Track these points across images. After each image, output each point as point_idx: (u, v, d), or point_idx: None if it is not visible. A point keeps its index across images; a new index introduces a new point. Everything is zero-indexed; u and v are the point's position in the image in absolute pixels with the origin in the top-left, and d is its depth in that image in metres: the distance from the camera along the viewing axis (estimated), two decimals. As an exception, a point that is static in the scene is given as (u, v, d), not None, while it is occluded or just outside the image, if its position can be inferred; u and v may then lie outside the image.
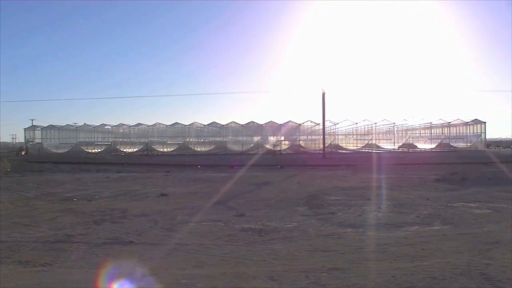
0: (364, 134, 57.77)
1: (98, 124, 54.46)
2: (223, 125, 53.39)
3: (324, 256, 6.10)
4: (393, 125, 54.49)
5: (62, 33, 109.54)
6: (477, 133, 51.29)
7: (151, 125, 53.85)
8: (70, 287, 4.88)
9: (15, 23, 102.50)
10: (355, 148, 55.17)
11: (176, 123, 53.81)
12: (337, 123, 54.19)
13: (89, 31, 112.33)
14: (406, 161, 29.10)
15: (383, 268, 5.39)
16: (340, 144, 55.56)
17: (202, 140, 55.60)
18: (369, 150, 49.85)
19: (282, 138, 57.60)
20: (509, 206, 10.57)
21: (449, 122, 53.01)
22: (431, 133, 56.57)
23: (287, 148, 52.50)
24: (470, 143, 51.92)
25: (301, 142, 54.34)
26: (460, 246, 6.51)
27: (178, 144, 54.93)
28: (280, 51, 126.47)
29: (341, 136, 59.82)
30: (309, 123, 53.21)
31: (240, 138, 56.87)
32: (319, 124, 46.19)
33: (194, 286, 4.82)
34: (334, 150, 49.23)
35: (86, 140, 54.89)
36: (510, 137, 74.05)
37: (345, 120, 54.13)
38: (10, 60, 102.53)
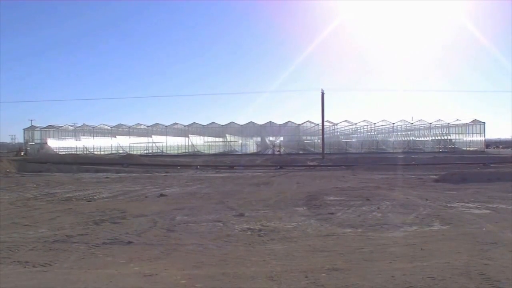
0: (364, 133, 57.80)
1: (97, 124, 54.39)
2: (222, 125, 53.33)
3: (323, 257, 6.10)
4: (392, 125, 54.49)
5: (62, 32, 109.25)
6: (476, 133, 51.32)
7: (150, 125, 53.79)
8: (70, 287, 4.88)
9: (15, 23, 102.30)
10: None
11: (176, 123, 53.76)
12: (337, 124, 54.18)
13: (90, 30, 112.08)
14: (405, 161, 29.10)
15: (382, 268, 5.39)
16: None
17: (203, 141, 55.46)
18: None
19: (282, 138, 57.60)
20: (508, 206, 10.59)
21: (449, 123, 53.00)
22: (430, 134, 56.56)
23: (286, 149, 52.53)
24: (470, 143, 51.96)
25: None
26: (459, 247, 6.51)
27: (178, 145, 54.92)
28: (280, 51, 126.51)
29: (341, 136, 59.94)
30: (308, 124, 53.20)
31: (240, 139, 56.85)
32: (318, 124, 46.09)
33: (193, 286, 4.82)
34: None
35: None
36: (510, 137, 74.17)
37: (344, 121, 54.14)
38: (9, 60, 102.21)
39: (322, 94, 36.64)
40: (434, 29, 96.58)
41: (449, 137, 54.65)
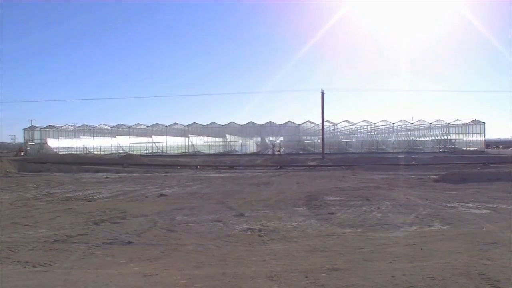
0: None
1: (97, 124, 54.40)
2: (222, 125, 53.35)
3: (323, 257, 6.10)
4: (392, 125, 54.52)
5: (62, 32, 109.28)
6: (476, 133, 51.34)
7: (150, 125, 53.81)
8: (70, 287, 4.88)
9: (15, 23, 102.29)
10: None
11: (176, 123, 53.77)
12: (337, 124, 54.22)
13: (89, 30, 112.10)
14: (405, 161, 29.10)
15: (382, 268, 5.39)
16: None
17: (203, 141, 55.52)
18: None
19: (282, 138, 57.61)
20: (508, 206, 10.60)
21: (449, 123, 53.02)
22: (430, 134, 56.59)
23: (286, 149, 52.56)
24: (470, 143, 51.97)
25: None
26: (459, 247, 6.51)
27: (178, 145, 54.95)
28: (280, 52, 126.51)
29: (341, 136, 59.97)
30: (308, 124, 53.23)
31: (240, 139, 56.87)
32: (318, 124, 46.12)
33: (193, 287, 4.82)
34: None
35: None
36: (510, 137, 74.20)
37: (344, 121, 54.18)
38: (9, 60, 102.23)
39: (322, 94, 36.65)
40: (435, 29, 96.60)
41: (449, 137, 54.65)
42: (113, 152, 50.69)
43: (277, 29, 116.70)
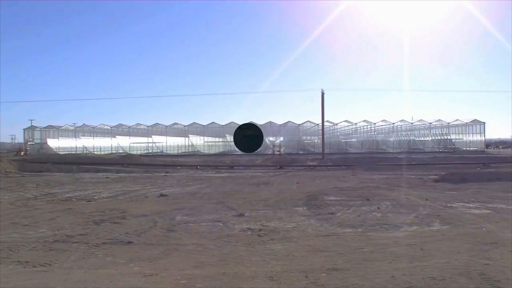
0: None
1: (97, 124, 54.38)
2: (222, 125, 53.33)
3: (323, 256, 6.11)
4: (392, 125, 54.52)
5: (62, 32, 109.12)
6: (476, 133, 51.35)
7: (150, 125, 53.80)
8: (70, 287, 4.88)
9: (15, 23, 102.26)
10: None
11: (176, 123, 53.76)
12: (337, 124, 54.21)
13: (90, 30, 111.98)
14: (405, 161, 29.10)
15: (382, 268, 5.39)
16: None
17: (203, 141, 55.53)
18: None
19: (282, 138, 57.61)
20: (508, 206, 10.60)
21: (449, 123, 53.02)
22: (430, 134, 56.58)
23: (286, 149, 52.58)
24: (470, 143, 51.98)
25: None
26: (459, 247, 6.52)
27: (178, 145, 54.97)
28: (280, 52, 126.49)
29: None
30: (308, 124, 53.23)
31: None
32: (318, 124, 46.09)
33: (193, 287, 4.82)
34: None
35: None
36: (510, 137, 74.22)
37: (344, 121, 54.18)
38: (9, 60, 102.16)
39: (322, 94, 36.64)
40: (435, 28, 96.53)
41: (449, 137, 54.64)
42: (113, 152, 50.65)
43: (277, 29, 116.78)
